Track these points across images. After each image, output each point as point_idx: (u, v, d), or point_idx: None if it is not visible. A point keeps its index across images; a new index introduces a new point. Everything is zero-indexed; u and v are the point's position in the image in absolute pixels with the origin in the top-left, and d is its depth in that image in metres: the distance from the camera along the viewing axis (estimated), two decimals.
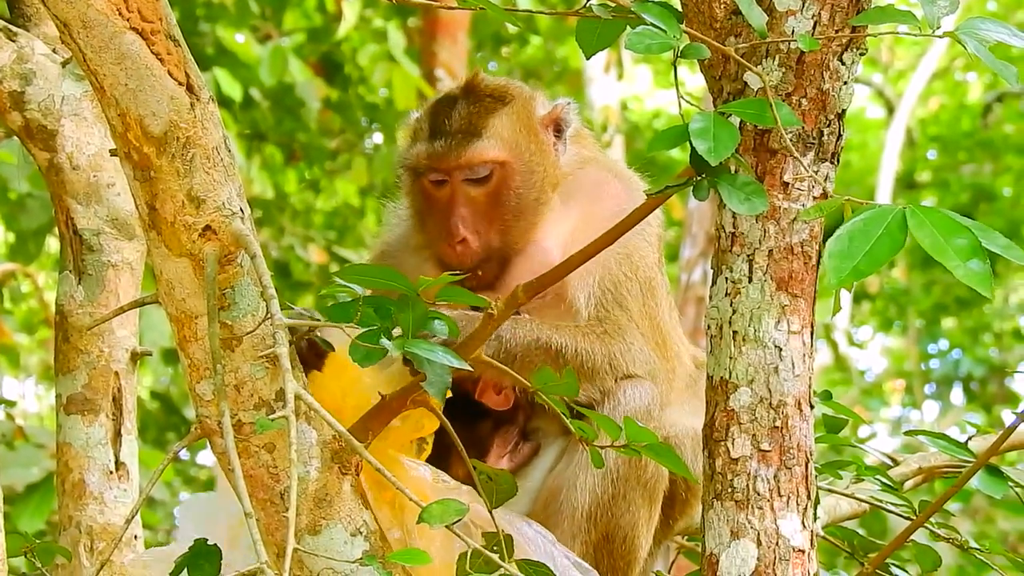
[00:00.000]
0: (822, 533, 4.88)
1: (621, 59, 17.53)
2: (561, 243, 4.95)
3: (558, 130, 5.08)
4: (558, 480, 4.77)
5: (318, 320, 3.91)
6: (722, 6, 4.07)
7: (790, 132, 3.94)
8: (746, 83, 4.01)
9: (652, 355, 4.86)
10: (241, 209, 3.69)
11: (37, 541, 5.16)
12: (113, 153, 3.72)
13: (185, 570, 3.89)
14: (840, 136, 4.03)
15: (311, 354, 4.11)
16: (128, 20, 3.53)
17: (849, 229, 3.36)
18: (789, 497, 3.96)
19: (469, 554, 3.78)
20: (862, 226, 3.35)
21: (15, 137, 5.64)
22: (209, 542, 3.92)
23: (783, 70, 3.99)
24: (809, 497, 3.99)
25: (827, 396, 5.18)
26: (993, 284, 3.27)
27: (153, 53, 3.56)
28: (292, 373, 3.55)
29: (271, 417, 3.58)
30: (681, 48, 3.76)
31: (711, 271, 4.11)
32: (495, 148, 4.91)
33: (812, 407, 4.03)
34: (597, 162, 5.19)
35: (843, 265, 3.32)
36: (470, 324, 4.10)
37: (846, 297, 4.09)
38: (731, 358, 4.00)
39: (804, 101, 3.99)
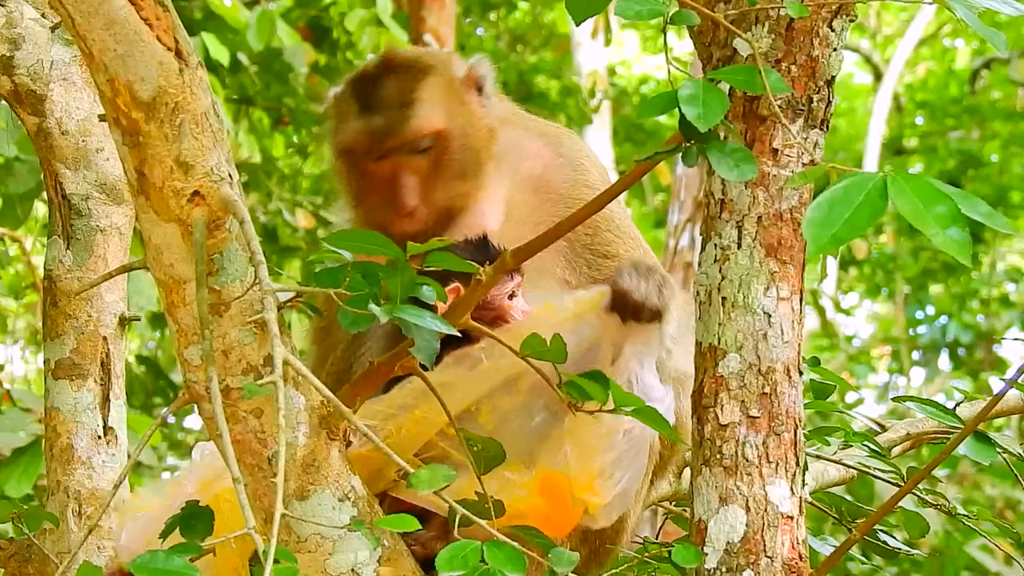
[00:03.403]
0: (810, 499, 4.88)
1: (609, 24, 17.50)
2: (497, 206, 4.99)
3: (479, 87, 5.11)
4: None
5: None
6: None
7: (779, 99, 3.94)
8: (735, 50, 4.01)
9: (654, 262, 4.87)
10: (229, 174, 3.68)
11: (24, 506, 5.17)
12: (102, 118, 3.70)
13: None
14: (829, 103, 4.03)
15: None
16: None
17: (829, 196, 3.33)
18: (778, 463, 3.97)
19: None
20: (842, 193, 3.32)
21: (3, 101, 5.62)
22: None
23: (773, 36, 3.98)
24: (798, 463, 4.00)
25: (815, 362, 5.19)
26: (973, 252, 3.25)
27: (142, 18, 3.53)
28: (280, 338, 3.55)
29: (259, 382, 3.57)
30: (670, 14, 3.74)
31: (699, 237, 4.11)
32: (430, 117, 4.93)
33: (801, 373, 4.04)
34: (513, 122, 5.21)
35: (821, 233, 3.29)
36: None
37: (833, 263, 4.09)
38: (720, 324, 4.01)
39: (793, 68, 3.98)
